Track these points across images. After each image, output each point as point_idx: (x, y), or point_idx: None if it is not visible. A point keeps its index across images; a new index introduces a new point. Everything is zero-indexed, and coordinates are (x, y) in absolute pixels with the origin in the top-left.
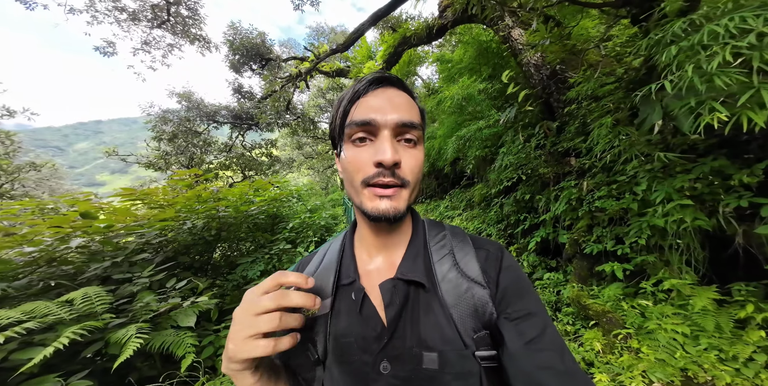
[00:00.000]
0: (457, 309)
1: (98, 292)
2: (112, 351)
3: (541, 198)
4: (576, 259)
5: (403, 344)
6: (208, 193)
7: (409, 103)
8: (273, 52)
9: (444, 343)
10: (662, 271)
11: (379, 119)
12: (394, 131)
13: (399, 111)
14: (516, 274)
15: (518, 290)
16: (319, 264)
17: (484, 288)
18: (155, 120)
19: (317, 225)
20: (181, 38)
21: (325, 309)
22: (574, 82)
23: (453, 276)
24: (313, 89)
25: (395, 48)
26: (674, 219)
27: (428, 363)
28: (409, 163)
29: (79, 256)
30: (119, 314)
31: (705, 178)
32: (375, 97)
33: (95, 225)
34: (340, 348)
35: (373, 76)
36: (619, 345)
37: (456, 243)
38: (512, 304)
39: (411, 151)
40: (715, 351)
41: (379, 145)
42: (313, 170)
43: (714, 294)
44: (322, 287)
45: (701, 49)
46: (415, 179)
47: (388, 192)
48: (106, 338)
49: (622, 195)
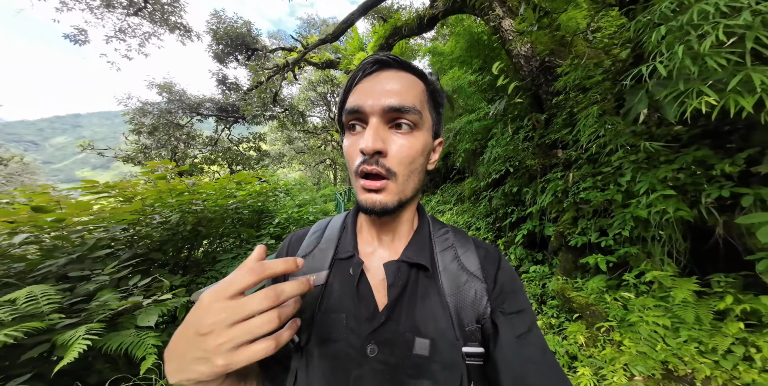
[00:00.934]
0: (454, 299)
1: (45, 291)
2: (60, 353)
3: (528, 191)
4: (561, 252)
5: (396, 327)
6: (183, 186)
7: (408, 85)
8: (259, 42)
9: (437, 331)
10: (644, 263)
11: (366, 105)
12: (383, 118)
13: (389, 95)
14: (512, 273)
15: (513, 288)
16: (320, 238)
17: (483, 282)
18: (133, 112)
19: (305, 220)
20: (159, 26)
21: (319, 281)
22: (562, 71)
23: (454, 267)
24: (304, 82)
25: (386, 39)
26: (657, 210)
27: (419, 350)
28: (399, 152)
29: (35, 252)
30: (73, 314)
31: (688, 168)
32: (369, 81)
33: (42, 218)
34: (327, 324)
35: (369, 59)
36: (601, 338)
37: (458, 239)
38: (508, 300)
39: (403, 138)
40: (694, 344)
41: (365, 133)
42: (304, 165)
43: (694, 286)
44: (319, 260)
45: (691, 29)
46: (405, 170)
47: (375, 184)
48: (53, 340)
49: (606, 186)
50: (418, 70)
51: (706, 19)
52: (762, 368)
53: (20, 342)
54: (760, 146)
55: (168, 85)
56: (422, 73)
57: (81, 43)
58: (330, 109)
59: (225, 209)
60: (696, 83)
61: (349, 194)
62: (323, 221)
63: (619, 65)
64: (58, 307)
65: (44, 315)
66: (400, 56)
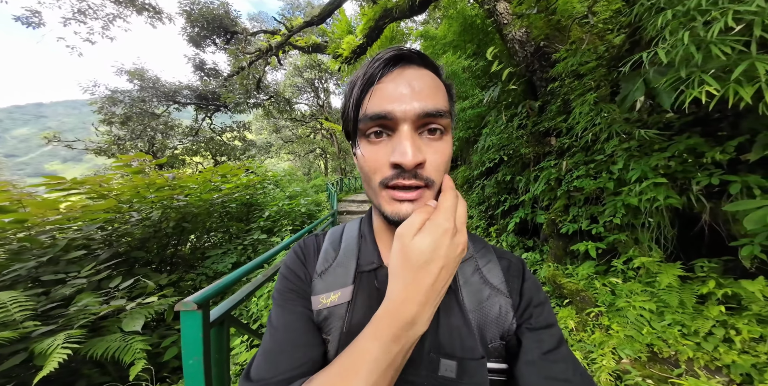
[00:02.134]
0: (476, 315)
1: (15, 297)
2: (39, 362)
3: (521, 179)
4: (552, 239)
5: (420, 347)
6: (163, 180)
7: (434, 85)
8: (239, 24)
9: (463, 351)
10: (632, 249)
11: (397, 111)
12: (415, 124)
13: (421, 98)
14: (537, 286)
15: (539, 301)
16: (337, 250)
17: (507, 297)
18: (102, 101)
19: (297, 212)
20: (125, 7)
21: (345, 297)
22: (559, 57)
23: (475, 280)
24: (290, 67)
25: (376, 21)
26: (648, 197)
27: (445, 372)
28: (435, 160)
29: (4, 255)
30: (50, 320)
31: (679, 156)
32: (391, 82)
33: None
34: None
35: (388, 53)
36: (591, 322)
37: (478, 249)
38: (535, 315)
39: (436, 144)
40: (678, 327)
41: (398, 144)
42: (293, 155)
43: (679, 271)
44: (342, 274)
45: (698, 14)
46: (441, 177)
47: (410, 195)
48: (30, 348)
49: (599, 174)
50: (435, 64)
51: (714, 5)
52: (741, 349)
53: None
54: (749, 133)
55: (139, 72)
56: (438, 68)
57: (35, 26)
58: (318, 96)
59: (211, 203)
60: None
61: (341, 184)
62: (336, 230)
63: (614, 51)
64: (31, 314)
65: (17, 324)
66: (392, 39)
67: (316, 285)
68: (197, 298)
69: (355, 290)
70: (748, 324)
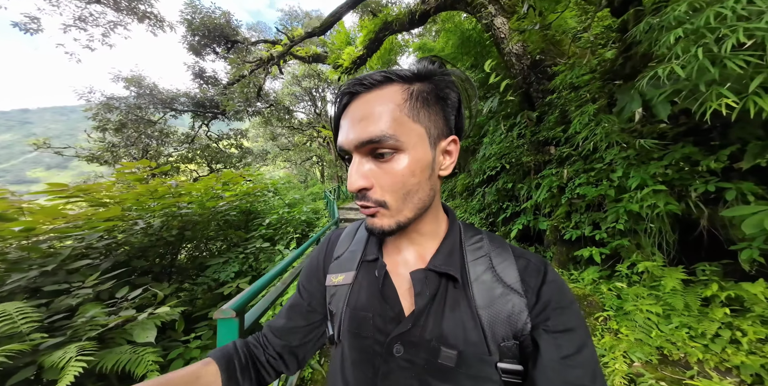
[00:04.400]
0: (488, 312)
1: (21, 308)
2: (49, 376)
3: (522, 187)
4: (556, 245)
5: (422, 335)
6: (166, 188)
7: (377, 109)
8: (240, 33)
9: (466, 344)
10: (635, 254)
11: (344, 144)
12: (360, 152)
13: (359, 128)
14: (560, 288)
15: (561, 304)
16: (351, 239)
17: (522, 296)
18: (97, 107)
19: (297, 220)
20: (126, 15)
21: (347, 280)
22: (558, 70)
23: (487, 278)
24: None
25: (376, 34)
26: (648, 204)
27: (445, 359)
28: (385, 182)
29: (3, 265)
30: (55, 332)
31: (676, 165)
32: (345, 117)
33: (8, 228)
34: (356, 320)
35: (340, 91)
36: (599, 327)
37: (494, 248)
38: (553, 318)
39: (386, 166)
40: (685, 329)
41: (349, 170)
42: (290, 162)
43: (681, 275)
44: (349, 261)
45: (707, 31)
46: (395, 196)
47: (368, 211)
48: (39, 362)
49: (599, 182)
50: (394, 76)
51: (722, 23)
52: (749, 350)
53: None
54: (738, 142)
55: (137, 79)
56: (402, 76)
57: (33, 32)
58: (315, 105)
59: (214, 212)
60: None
61: (338, 192)
62: (356, 224)
63: (606, 65)
64: (38, 326)
65: (24, 336)
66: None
67: (333, 267)
68: (235, 305)
69: (357, 275)
70: (753, 326)
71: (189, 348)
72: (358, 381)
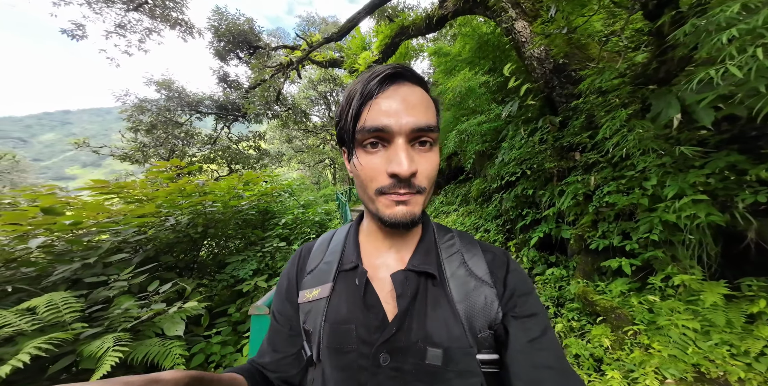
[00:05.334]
0: (464, 305)
1: (66, 298)
2: (86, 365)
3: (544, 193)
4: (580, 255)
5: (407, 338)
6: (193, 187)
7: (425, 102)
8: (261, 39)
9: (450, 340)
10: (670, 267)
11: (394, 125)
12: (408, 137)
13: (415, 113)
14: (522, 276)
15: (524, 291)
16: (325, 251)
17: (492, 287)
18: (131, 109)
19: (311, 221)
20: (160, 22)
21: (323, 294)
22: (584, 74)
23: (461, 273)
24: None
25: (392, 39)
26: (687, 214)
27: (432, 359)
28: (425, 169)
29: (45, 256)
30: (92, 322)
31: (719, 173)
32: (388, 98)
33: (60, 221)
34: (337, 335)
35: (384, 71)
36: (629, 341)
37: (464, 244)
38: (519, 304)
39: (426, 155)
40: (726, 347)
41: (394, 155)
42: (303, 164)
43: (724, 290)
44: (325, 272)
45: (766, 31)
46: (430, 184)
47: (403, 198)
48: (79, 350)
49: (630, 190)
50: (425, 82)
51: None
52: None
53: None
54: None
55: (167, 82)
56: (427, 85)
57: (78, 39)
58: (329, 108)
59: (236, 210)
60: None
61: (350, 194)
62: (328, 234)
63: (637, 69)
64: (79, 316)
65: (66, 325)
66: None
67: (306, 282)
68: (268, 302)
69: (335, 287)
70: None
71: (210, 343)
72: None
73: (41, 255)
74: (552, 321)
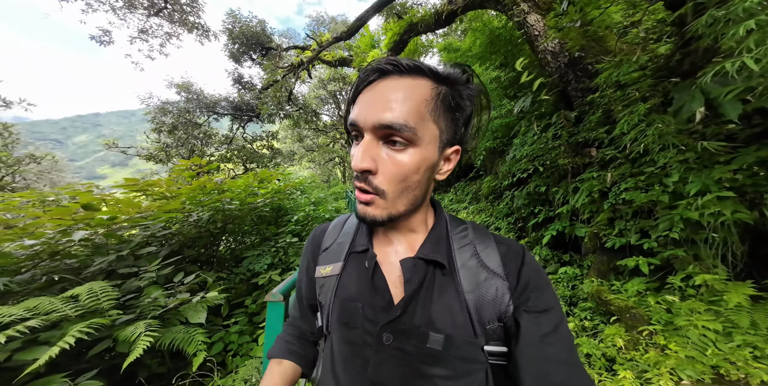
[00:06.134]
0: (474, 296)
1: (104, 287)
2: (121, 349)
3: (558, 191)
4: (595, 253)
5: (411, 321)
6: (213, 184)
7: (406, 96)
8: (273, 41)
9: (453, 327)
10: (691, 266)
11: (360, 120)
12: (375, 134)
13: (382, 110)
14: (537, 270)
15: (539, 285)
16: (339, 232)
17: (504, 280)
18: (154, 111)
19: (322, 218)
20: (178, 26)
21: (335, 271)
22: (601, 67)
23: (473, 264)
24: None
25: (401, 36)
26: (711, 211)
27: (433, 343)
28: (389, 170)
29: (83, 249)
30: (126, 310)
31: (748, 169)
32: (368, 92)
33: (98, 217)
34: (346, 310)
35: (372, 66)
36: (644, 341)
37: (477, 236)
38: (533, 298)
39: (395, 155)
40: (749, 349)
41: (357, 149)
42: (314, 163)
43: (750, 290)
44: (337, 252)
45: None
46: (394, 187)
47: (364, 198)
48: (114, 335)
49: (649, 187)
50: (427, 70)
51: None
52: None
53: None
54: None
55: (186, 85)
56: (434, 73)
57: (106, 44)
58: (339, 107)
59: (252, 207)
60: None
61: None
62: (342, 217)
63: (659, 61)
64: (115, 303)
65: (104, 311)
66: (413, 53)
67: (320, 259)
68: (282, 290)
69: (346, 266)
70: None
71: (229, 332)
72: (348, 375)
73: (80, 249)
74: None
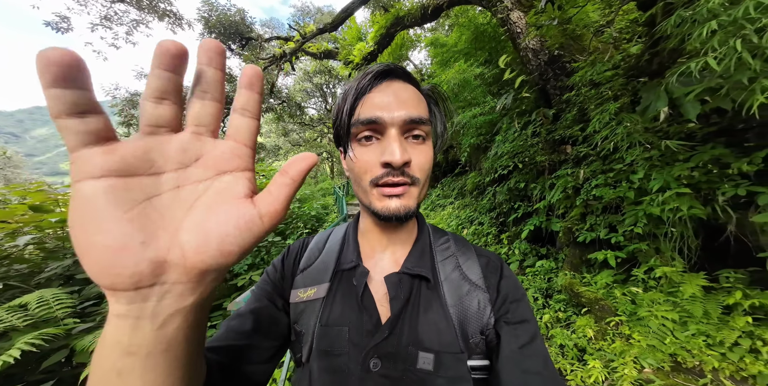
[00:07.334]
0: (457, 310)
1: (57, 295)
2: (80, 359)
3: (535, 187)
4: (569, 247)
5: (398, 341)
6: None
7: (417, 97)
8: (254, 30)
9: (441, 344)
10: (653, 259)
11: (386, 117)
12: (401, 129)
13: (406, 106)
14: (515, 282)
15: (516, 297)
16: (321, 250)
17: (485, 292)
18: (122, 103)
19: (307, 215)
20: (147, 13)
21: (320, 294)
22: (577, 66)
23: (455, 276)
24: (299, 72)
25: (387, 29)
26: (671, 207)
27: (423, 364)
28: (419, 160)
29: (38, 253)
30: (86, 318)
31: (703, 167)
32: (380, 92)
33: (47, 219)
34: (329, 337)
35: (377, 68)
36: (611, 331)
37: (459, 248)
38: (511, 310)
39: (419, 147)
40: (702, 337)
41: (387, 145)
42: None
43: (703, 281)
44: (321, 272)
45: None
46: (424, 176)
47: (397, 190)
48: (72, 345)
49: (618, 183)
50: (417, 81)
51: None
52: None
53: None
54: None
55: None
56: (419, 84)
57: (63, 31)
58: (326, 101)
59: None
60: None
61: (347, 188)
62: (324, 233)
63: (631, 61)
64: (71, 312)
65: (58, 320)
66: (401, 47)
67: (297, 281)
68: (245, 299)
69: (332, 287)
70: None
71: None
72: None
73: (35, 252)
74: (540, 312)
